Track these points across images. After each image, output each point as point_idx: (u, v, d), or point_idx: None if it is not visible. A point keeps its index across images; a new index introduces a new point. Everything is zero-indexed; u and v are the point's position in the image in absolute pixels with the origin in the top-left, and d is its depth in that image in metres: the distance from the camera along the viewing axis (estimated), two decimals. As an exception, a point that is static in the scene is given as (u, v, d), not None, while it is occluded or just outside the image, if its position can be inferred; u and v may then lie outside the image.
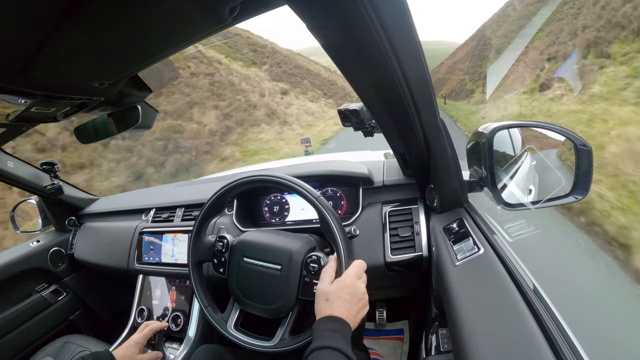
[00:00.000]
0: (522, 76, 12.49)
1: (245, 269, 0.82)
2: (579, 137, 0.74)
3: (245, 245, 0.84)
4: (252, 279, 0.81)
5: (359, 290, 0.65)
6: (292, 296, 0.77)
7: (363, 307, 0.65)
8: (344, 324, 0.60)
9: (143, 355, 0.90)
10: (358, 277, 0.68)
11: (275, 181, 0.82)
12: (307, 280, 0.77)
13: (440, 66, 56.00)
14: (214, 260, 0.87)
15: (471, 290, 0.59)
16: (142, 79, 0.67)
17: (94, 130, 0.80)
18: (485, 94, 14.50)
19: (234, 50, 25.50)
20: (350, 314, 0.62)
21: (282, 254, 0.79)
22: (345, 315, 0.61)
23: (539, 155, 1.01)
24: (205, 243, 0.89)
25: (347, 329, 0.60)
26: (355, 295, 0.64)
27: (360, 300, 0.65)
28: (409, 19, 0.44)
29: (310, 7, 0.39)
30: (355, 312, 0.63)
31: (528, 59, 14.95)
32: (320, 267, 0.76)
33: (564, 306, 0.54)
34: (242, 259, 0.83)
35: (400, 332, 1.49)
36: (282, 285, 0.77)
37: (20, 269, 1.28)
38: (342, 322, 0.60)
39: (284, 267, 0.78)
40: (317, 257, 0.77)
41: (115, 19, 0.39)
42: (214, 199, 0.87)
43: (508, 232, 0.81)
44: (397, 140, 0.81)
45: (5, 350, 1.21)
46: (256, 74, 18.31)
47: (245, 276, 0.82)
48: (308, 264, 0.77)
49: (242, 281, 0.82)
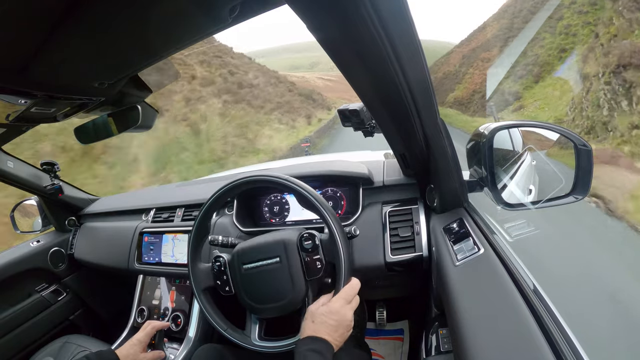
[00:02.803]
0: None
1: (248, 275, 0.82)
2: (579, 137, 0.74)
3: (240, 254, 0.84)
4: (258, 282, 0.81)
5: (346, 318, 0.67)
6: (301, 282, 0.77)
7: (347, 331, 0.68)
8: (326, 345, 0.63)
9: (146, 354, 0.90)
10: (348, 301, 0.70)
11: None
12: (307, 260, 0.78)
13: (449, 56, 39.37)
14: (217, 282, 0.86)
15: (471, 290, 0.59)
16: (142, 79, 0.67)
17: (94, 130, 0.79)
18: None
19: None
20: (333, 337, 0.65)
21: (276, 245, 0.80)
22: (327, 337, 0.64)
23: (539, 155, 1.01)
24: (203, 269, 0.88)
25: (329, 349, 0.63)
26: (340, 323, 0.66)
27: (346, 327, 0.67)
28: (409, 18, 0.44)
29: (310, 6, 0.39)
30: (339, 335, 0.66)
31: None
32: (315, 243, 0.78)
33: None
34: (241, 268, 0.82)
35: (400, 332, 1.49)
36: (287, 275, 0.78)
37: (20, 269, 1.28)
38: (325, 342, 0.63)
39: (282, 257, 0.79)
40: (309, 234, 0.79)
41: (115, 19, 0.39)
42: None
43: (508, 232, 0.81)
44: (397, 140, 0.81)
45: (5, 350, 1.21)
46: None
47: (250, 283, 0.82)
48: (303, 244, 0.78)
49: (250, 289, 0.82)
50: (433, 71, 38.02)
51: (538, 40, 17.65)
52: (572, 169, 0.75)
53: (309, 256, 0.78)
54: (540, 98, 14.39)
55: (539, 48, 17.39)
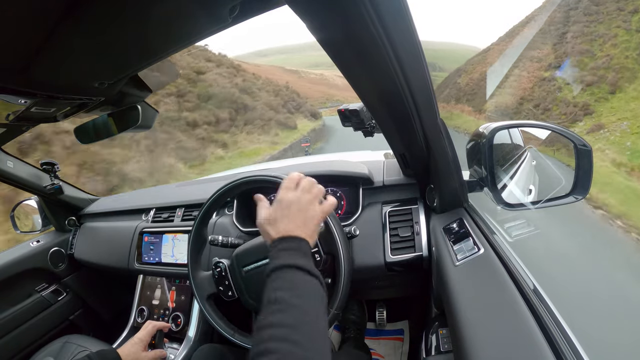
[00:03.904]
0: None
1: (249, 277, 0.82)
2: (579, 137, 0.74)
3: (238, 258, 0.84)
4: (260, 283, 0.81)
5: (302, 200, 0.57)
6: None
7: (313, 217, 0.57)
8: (300, 240, 0.53)
9: (148, 353, 0.90)
10: (292, 188, 0.60)
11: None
12: None
13: (486, 54, 31.93)
14: (220, 288, 0.86)
15: (471, 290, 0.59)
16: (142, 79, 0.67)
17: (94, 130, 0.80)
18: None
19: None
20: (303, 229, 0.54)
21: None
22: (298, 231, 0.54)
23: (539, 155, 1.01)
24: (204, 277, 0.88)
25: (305, 244, 0.53)
26: (299, 208, 0.56)
27: (308, 210, 0.56)
28: (409, 18, 0.44)
29: (310, 7, 0.39)
30: (309, 224, 0.56)
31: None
32: None
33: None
34: (242, 271, 0.82)
35: (401, 332, 1.49)
36: None
37: (20, 269, 1.28)
38: (297, 238, 0.53)
39: None
40: None
41: (115, 19, 0.39)
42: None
43: (508, 232, 0.81)
44: (397, 140, 0.81)
45: (5, 350, 1.21)
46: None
47: (252, 284, 0.82)
48: None
49: (252, 290, 0.82)
50: (467, 71, 30.62)
51: (608, 37, 13.84)
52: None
53: None
54: (627, 116, 10.02)
55: (612, 47, 13.47)
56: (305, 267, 0.48)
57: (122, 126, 0.76)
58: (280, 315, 0.42)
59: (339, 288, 0.77)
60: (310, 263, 0.50)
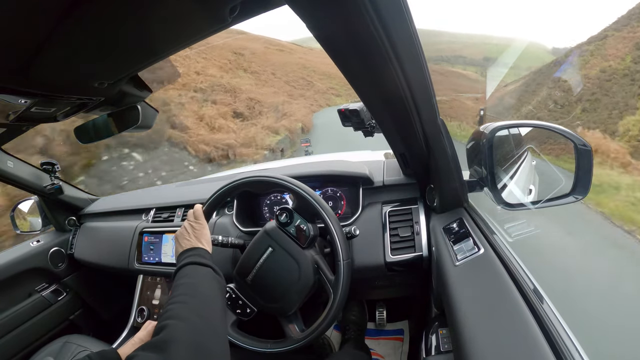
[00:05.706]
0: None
1: (256, 283, 0.82)
2: (578, 137, 0.74)
3: (239, 272, 0.85)
4: (268, 283, 0.82)
5: (184, 230, 0.74)
6: (300, 254, 0.80)
7: (199, 234, 0.73)
8: (198, 248, 0.69)
9: None
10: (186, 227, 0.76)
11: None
12: (293, 231, 0.82)
13: (603, 43, 11.28)
14: (238, 311, 0.85)
15: (471, 290, 0.59)
16: (142, 79, 0.67)
17: (94, 130, 0.80)
18: None
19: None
20: (198, 244, 0.70)
21: (262, 239, 0.83)
22: (195, 244, 0.70)
23: (539, 155, 1.01)
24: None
25: (204, 250, 0.69)
26: (183, 235, 0.73)
27: (191, 233, 0.73)
28: (408, 18, 0.44)
29: (310, 7, 0.39)
30: (201, 240, 0.72)
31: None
32: (290, 213, 0.82)
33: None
34: (248, 282, 0.83)
35: (400, 332, 1.49)
36: (285, 256, 0.81)
37: (20, 269, 1.28)
38: (196, 248, 0.69)
39: (272, 244, 0.82)
40: (281, 210, 0.83)
41: (115, 19, 0.39)
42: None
43: (508, 232, 0.81)
44: (397, 140, 0.81)
45: (5, 350, 1.21)
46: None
47: (262, 288, 0.82)
48: (280, 221, 0.83)
49: (266, 295, 0.82)
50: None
51: None
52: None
53: (292, 227, 0.82)
54: None
55: None
56: (206, 264, 0.64)
57: (122, 126, 0.76)
58: (180, 290, 0.57)
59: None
60: (210, 262, 0.66)
